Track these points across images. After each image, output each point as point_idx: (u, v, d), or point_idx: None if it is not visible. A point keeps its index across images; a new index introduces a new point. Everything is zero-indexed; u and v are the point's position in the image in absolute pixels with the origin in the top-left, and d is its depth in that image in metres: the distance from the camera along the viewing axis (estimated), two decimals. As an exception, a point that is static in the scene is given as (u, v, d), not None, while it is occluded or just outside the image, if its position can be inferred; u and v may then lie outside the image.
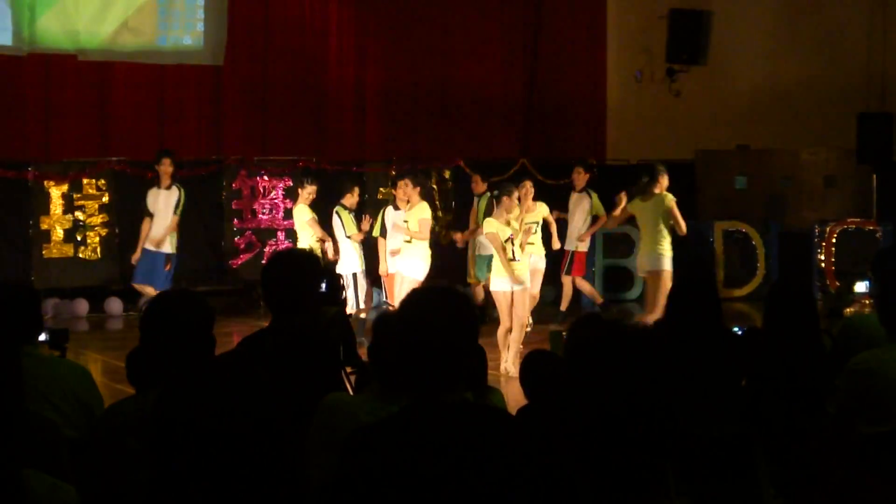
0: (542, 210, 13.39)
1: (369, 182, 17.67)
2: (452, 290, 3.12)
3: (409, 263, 12.53)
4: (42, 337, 5.19)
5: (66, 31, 16.66)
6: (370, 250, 13.45)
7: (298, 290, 4.79)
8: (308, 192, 13.34)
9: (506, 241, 11.19)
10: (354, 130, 18.55)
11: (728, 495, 3.82)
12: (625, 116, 19.91)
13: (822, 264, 16.48)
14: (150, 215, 13.94)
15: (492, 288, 11.47)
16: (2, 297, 4.63)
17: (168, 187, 13.89)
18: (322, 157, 17.62)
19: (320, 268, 4.90)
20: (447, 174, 17.92)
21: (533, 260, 12.45)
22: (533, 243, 12.44)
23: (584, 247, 14.76)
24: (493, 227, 11.21)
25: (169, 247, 13.85)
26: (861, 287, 13.07)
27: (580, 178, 14.82)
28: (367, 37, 18.59)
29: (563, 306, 14.75)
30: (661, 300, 10.39)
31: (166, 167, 13.87)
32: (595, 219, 14.67)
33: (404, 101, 18.78)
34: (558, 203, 14.66)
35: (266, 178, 17.19)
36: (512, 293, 11.17)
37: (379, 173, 17.65)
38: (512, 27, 19.51)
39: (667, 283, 11.44)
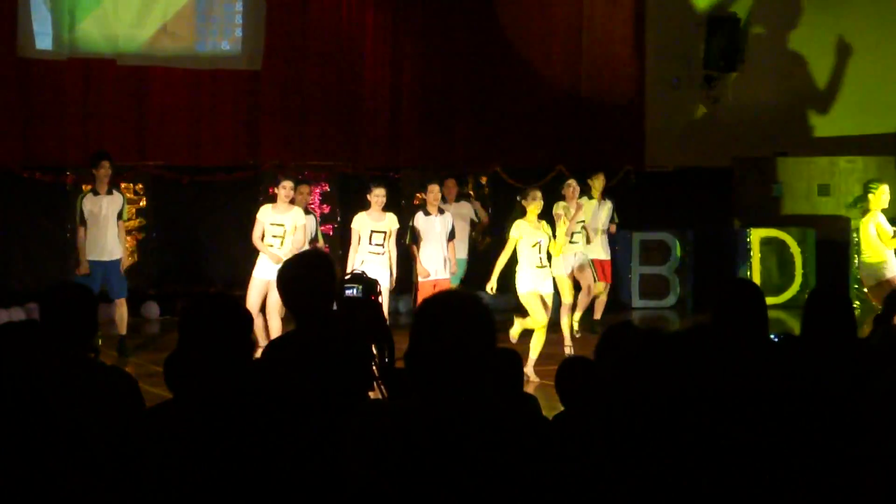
0: (588, 206, 13.39)
1: (404, 187, 17.69)
2: (464, 295, 3.14)
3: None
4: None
5: (105, 35, 16.77)
6: (402, 259, 13.38)
7: (311, 291, 4.78)
8: (376, 194, 12.34)
9: (533, 245, 11.15)
10: (390, 135, 18.54)
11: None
12: (662, 123, 19.83)
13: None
14: (85, 224, 12.74)
15: (519, 291, 11.38)
16: (62, 297, 4.59)
17: (108, 192, 12.83)
18: (358, 163, 17.66)
19: (332, 268, 4.88)
20: (484, 180, 17.90)
21: (579, 257, 12.49)
22: (576, 242, 12.42)
23: (604, 254, 14.60)
24: (521, 231, 11.19)
25: (119, 253, 12.98)
26: None
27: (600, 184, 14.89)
28: (404, 41, 18.58)
29: (597, 314, 14.60)
30: None
31: (106, 170, 12.75)
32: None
33: (440, 106, 18.75)
34: None
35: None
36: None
37: (414, 178, 17.66)
38: (550, 33, 19.46)
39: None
